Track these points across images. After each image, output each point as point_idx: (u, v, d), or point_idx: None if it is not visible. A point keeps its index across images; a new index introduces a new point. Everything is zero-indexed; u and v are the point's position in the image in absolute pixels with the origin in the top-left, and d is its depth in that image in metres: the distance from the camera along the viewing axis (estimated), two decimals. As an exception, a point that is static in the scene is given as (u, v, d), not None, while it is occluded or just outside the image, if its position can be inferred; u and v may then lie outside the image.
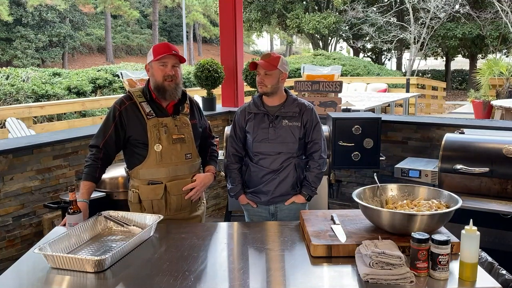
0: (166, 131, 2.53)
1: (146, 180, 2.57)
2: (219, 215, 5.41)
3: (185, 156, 2.60)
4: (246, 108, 2.85)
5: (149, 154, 2.53)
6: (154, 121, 2.53)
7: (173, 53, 2.50)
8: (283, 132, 2.75)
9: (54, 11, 25.92)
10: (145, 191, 2.57)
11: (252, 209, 2.88)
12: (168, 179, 2.57)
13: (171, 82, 2.52)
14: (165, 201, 2.58)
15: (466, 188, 3.21)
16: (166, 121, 2.56)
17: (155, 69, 2.52)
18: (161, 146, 2.53)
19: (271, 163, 2.76)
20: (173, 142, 2.56)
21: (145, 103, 2.56)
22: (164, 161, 2.54)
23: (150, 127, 2.52)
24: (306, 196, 2.82)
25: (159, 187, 2.56)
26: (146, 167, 2.55)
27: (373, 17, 19.89)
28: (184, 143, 2.60)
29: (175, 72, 2.53)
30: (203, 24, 32.43)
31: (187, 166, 2.62)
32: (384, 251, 1.78)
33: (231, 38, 5.53)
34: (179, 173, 2.59)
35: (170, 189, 2.57)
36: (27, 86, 9.78)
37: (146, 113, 2.54)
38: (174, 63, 2.53)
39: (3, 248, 3.49)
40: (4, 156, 3.45)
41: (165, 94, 2.53)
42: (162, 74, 2.50)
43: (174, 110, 2.61)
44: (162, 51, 2.49)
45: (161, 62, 2.50)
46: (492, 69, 11.94)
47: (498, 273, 1.91)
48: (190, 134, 2.62)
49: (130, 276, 1.87)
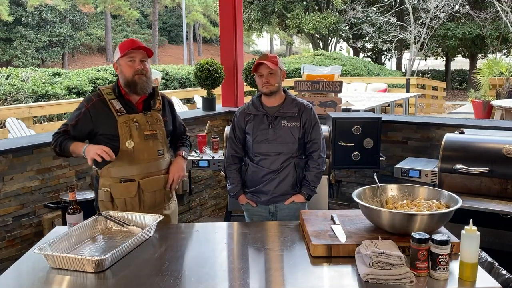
0: (138, 127, 2.51)
1: (118, 178, 2.54)
2: (219, 215, 5.41)
3: (158, 152, 2.58)
4: (245, 109, 2.85)
5: (121, 151, 2.50)
6: (125, 117, 2.51)
7: (140, 47, 2.49)
8: (282, 132, 2.75)
9: (54, 11, 25.92)
10: (117, 190, 2.54)
11: (252, 208, 2.89)
12: (141, 176, 2.55)
13: (141, 76, 2.50)
14: (138, 199, 2.56)
15: (466, 188, 3.21)
16: (137, 118, 2.53)
17: (124, 65, 2.50)
18: (133, 142, 2.50)
19: (271, 164, 2.77)
20: (145, 139, 2.53)
21: (115, 100, 2.54)
22: (137, 158, 2.52)
23: (121, 123, 2.50)
24: (305, 196, 2.82)
25: (133, 185, 2.53)
26: (118, 165, 2.52)
27: (373, 17, 19.89)
28: (156, 139, 2.58)
29: (144, 66, 2.51)
30: (203, 24, 32.43)
31: (159, 163, 2.61)
32: (384, 251, 1.78)
33: (231, 38, 5.53)
34: (152, 170, 2.57)
35: (144, 186, 2.55)
36: (27, 86, 9.77)
37: (116, 110, 2.51)
38: (141, 58, 2.51)
39: (3, 248, 3.49)
40: (4, 156, 3.45)
41: (136, 88, 2.51)
42: (132, 70, 2.48)
43: (145, 106, 2.59)
44: (128, 47, 2.48)
45: (129, 58, 2.49)
46: (492, 69, 11.93)
47: (498, 273, 1.91)
48: (162, 130, 2.61)
49: (130, 276, 1.87)
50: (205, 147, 4.19)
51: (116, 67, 2.56)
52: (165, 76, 12.12)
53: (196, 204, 5.17)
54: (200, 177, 5.16)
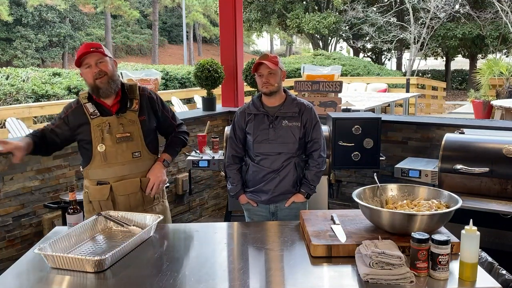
0: (109, 131, 2.49)
1: (95, 180, 2.55)
2: (219, 215, 5.41)
3: (132, 155, 2.54)
4: (246, 109, 2.85)
5: (94, 154, 2.51)
6: (98, 120, 2.50)
7: (91, 50, 2.43)
8: (283, 132, 2.75)
9: (54, 11, 25.92)
10: (93, 192, 2.56)
11: (253, 208, 2.88)
12: (115, 179, 2.53)
13: (102, 78, 2.45)
14: (112, 202, 2.55)
15: (466, 188, 3.21)
16: (110, 120, 2.50)
17: (83, 73, 2.48)
18: (104, 146, 2.49)
19: (272, 163, 2.77)
20: (117, 142, 2.50)
21: (89, 103, 2.53)
22: (109, 161, 2.51)
23: (94, 127, 2.50)
24: (305, 194, 2.83)
25: (105, 188, 2.53)
26: (94, 168, 2.53)
27: (373, 17, 19.89)
28: (131, 142, 2.53)
29: (102, 68, 2.45)
30: (203, 24, 32.43)
31: (135, 165, 2.56)
32: (384, 251, 1.78)
33: (231, 38, 5.53)
34: (126, 173, 2.54)
35: (116, 189, 2.53)
36: (27, 86, 9.77)
37: (90, 113, 2.51)
38: (96, 60, 2.44)
39: (3, 248, 3.49)
40: (4, 156, 3.45)
41: (99, 92, 2.48)
42: (91, 76, 2.45)
43: (120, 108, 2.55)
44: (81, 52, 2.43)
45: (85, 65, 2.45)
46: (492, 69, 11.93)
47: (498, 273, 1.91)
48: (138, 132, 2.55)
49: (130, 276, 1.87)
50: (205, 147, 4.19)
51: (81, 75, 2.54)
52: (165, 76, 12.12)
53: (196, 204, 5.17)
54: (200, 177, 5.16)
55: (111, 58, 2.53)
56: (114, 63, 2.55)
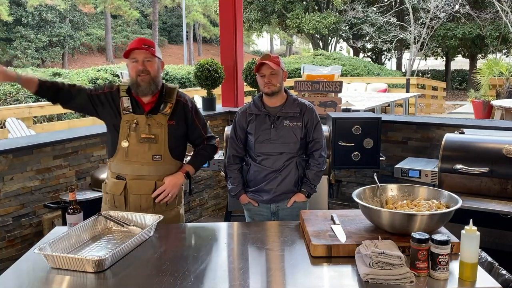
0: (136, 129, 2.51)
1: (115, 173, 2.59)
2: (219, 215, 5.41)
3: (153, 157, 2.53)
4: (247, 109, 2.85)
5: (118, 149, 2.54)
6: (129, 116, 2.53)
7: (142, 47, 2.46)
8: (284, 132, 2.76)
9: (54, 11, 25.91)
10: (110, 184, 2.60)
11: (254, 208, 2.88)
12: (131, 177, 2.55)
13: (144, 76, 2.47)
14: (124, 198, 2.56)
15: (466, 188, 3.21)
16: (139, 119, 2.52)
17: (129, 65, 2.51)
18: (128, 143, 2.51)
19: (274, 163, 2.77)
20: (141, 141, 2.52)
21: (126, 97, 2.56)
22: (130, 159, 2.53)
23: (123, 122, 2.53)
24: (305, 194, 2.83)
25: (121, 183, 2.55)
26: (116, 161, 2.57)
27: (373, 17, 19.88)
28: (154, 144, 2.53)
29: (147, 66, 2.48)
30: (203, 24, 32.40)
31: (154, 168, 2.55)
32: (384, 251, 1.78)
33: (231, 38, 5.53)
34: (143, 173, 2.54)
35: (130, 187, 2.54)
36: (27, 86, 9.76)
37: (124, 107, 2.54)
38: (145, 58, 2.47)
39: (3, 248, 3.49)
40: (4, 156, 3.45)
41: (138, 89, 2.50)
42: (135, 70, 2.48)
43: (153, 108, 2.56)
44: (131, 47, 2.47)
45: (132, 58, 2.48)
46: (492, 69, 11.94)
47: (498, 273, 1.91)
48: (163, 135, 2.54)
49: (130, 276, 1.87)
50: (205, 147, 4.18)
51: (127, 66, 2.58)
52: (165, 76, 12.12)
53: (196, 204, 5.17)
54: (200, 177, 5.16)
55: (159, 59, 2.55)
56: (161, 64, 2.58)
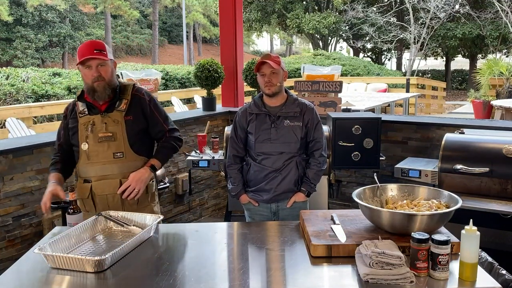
0: (93, 130, 2.50)
1: (82, 178, 2.59)
2: (219, 215, 5.41)
3: (114, 155, 2.51)
4: (247, 109, 2.85)
5: (80, 152, 2.54)
6: (85, 119, 2.53)
7: (95, 53, 2.42)
8: (285, 132, 2.76)
9: (54, 11, 25.91)
10: (78, 189, 2.59)
11: (254, 208, 2.88)
12: (96, 179, 2.54)
13: (100, 82, 2.46)
14: (92, 201, 2.55)
15: (466, 188, 3.21)
16: (95, 119, 2.52)
17: (83, 72, 2.48)
18: (87, 144, 2.51)
19: (274, 163, 2.78)
20: (99, 141, 2.50)
21: (80, 101, 2.56)
22: (92, 160, 2.52)
23: (81, 125, 2.53)
24: (305, 193, 2.84)
25: (86, 186, 2.55)
26: (80, 165, 2.57)
27: (373, 17, 19.89)
28: (113, 142, 2.51)
29: (101, 72, 2.45)
30: (203, 24, 32.40)
31: (117, 166, 2.52)
32: (384, 251, 1.78)
33: (231, 38, 5.53)
34: (107, 173, 2.52)
35: (95, 188, 2.54)
36: (27, 86, 9.77)
37: (79, 111, 2.55)
38: (98, 63, 2.44)
39: (3, 248, 3.49)
40: (4, 156, 3.45)
41: (94, 95, 2.49)
42: (90, 77, 2.46)
43: (108, 107, 2.54)
44: (83, 54, 2.42)
45: (85, 65, 2.45)
46: (492, 69, 11.94)
47: (498, 273, 1.91)
48: (121, 132, 2.52)
49: (130, 276, 1.87)
50: (205, 147, 4.19)
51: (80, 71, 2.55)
52: (165, 76, 12.12)
53: (196, 204, 5.17)
54: (200, 177, 5.16)
55: (111, 60, 2.53)
56: (114, 65, 2.56)
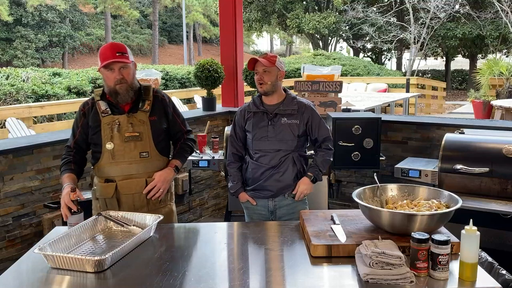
0: (119, 129, 2.51)
1: (103, 178, 2.58)
2: (219, 215, 5.41)
3: (140, 154, 2.54)
4: (246, 108, 2.88)
5: (103, 152, 2.54)
6: (109, 118, 2.53)
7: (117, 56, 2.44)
8: (282, 129, 2.76)
9: (54, 11, 25.91)
10: (99, 189, 2.59)
11: (252, 207, 2.89)
12: (121, 178, 2.54)
13: (122, 85, 2.48)
14: (117, 200, 2.56)
15: (466, 188, 3.21)
16: (120, 119, 2.53)
17: (104, 75, 2.49)
18: (113, 144, 2.51)
19: (271, 160, 2.78)
20: (126, 140, 2.52)
21: (102, 101, 2.56)
22: (117, 160, 2.52)
23: (104, 125, 2.52)
24: (311, 178, 2.79)
25: (111, 186, 2.55)
26: (102, 165, 2.56)
27: (373, 17, 19.88)
28: (139, 141, 2.54)
29: (124, 75, 2.47)
30: (203, 24, 32.41)
31: (142, 165, 2.56)
32: (384, 251, 1.78)
33: (231, 38, 5.53)
34: (132, 172, 2.54)
35: (121, 188, 2.54)
36: (27, 86, 9.77)
37: (102, 110, 2.54)
38: (121, 66, 2.47)
39: (3, 248, 3.49)
40: (4, 156, 3.45)
41: (117, 98, 2.50)
42: (112, 80, 2.47)
43: (132, 108, 2.57)
44: (106, 57, 2.44)
45: (108, 68, 2.46)
46: (492, 69, 11.94)
47: (498, 273, 1.91)
48: (147, 132, 2.56)
49: (130, 276, 1.87)
50: (205, 147, 4.19)
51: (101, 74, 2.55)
52: (165, 76, 12.12)
53: (196, 204, 5.17)
54: (200, 177, 5.16)
55: (132, 62, 2.55)
56: (134, 66, 2.58)
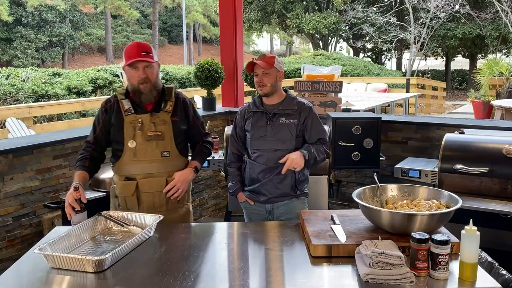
0: (141, 128, 2.53)
1: (123, 176, 2.59)
2: (219, 215, 5.41)
3: (161, 153, 2.57)
4: (246, 108, 2.89)
5: (125, 150, 2.56)
6: (132, 117, 2.55)
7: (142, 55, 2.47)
8: (280, 129, 2.75)
9: (54, 11, 25.90)
10: (119, 187, 2.60)
11: (250, 207, 2.89)
12: (142, 176, 2.56)
13: (146, 84, 2.50)
14: (137, 199, 2.58)
15: (466, 188, 3.21)
16: (143, 118, 2.55)
17: (128, 73, 2.52)
18: (135, 142, 2.53)
19: (268, 160, 2.76)
20: (148, 139, 2.54)
21: (126, 100, 2.58)
22: (138, 158, 2.54)
23: (127, 123, 2.54)
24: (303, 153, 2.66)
25: (131, 184, 2.56)
26: (123, 163, 2.58)
27: (373, 17, 19.88)
28: (161, 141, 2.57)
29: (148, 74, 2.50)
30: (203, 24, 32.40)
31: (163, 164, 2.59)
32: (384, 251, 1.78)
33: (231, 38, 5.53)
34: (153, 171, 2.57)
35: (142, 186, 2.56)
36: (27, 86, 9.77)
37: (125, 109, 2.56)
38: (145, 65, 2.49)
39: (3, 248, 3.49)
40: (4, 156, 3.45)
41: (141, 97, 2.53)
42: (136, 79, 2.49)
43: (155, 107, 2.60)
44: (132, 55, 2.47)
45: (132, 67, 2.49)
46: (492, 69, 11.94)
47: (498, 273, 1.91)
48: (169, 132, 2.59)
49: (130, 276, 1.87)
50: (205, 147, 4.18)
51: (125, 72, 2.58)
52: (165, 76, 12.13)
53: (196, 204, 5.17)
54: (200, 177, 5.15)
55: (157, 62, 2.57)
56: (158, 66, 2.61)
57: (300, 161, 2.64)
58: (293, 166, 2.64)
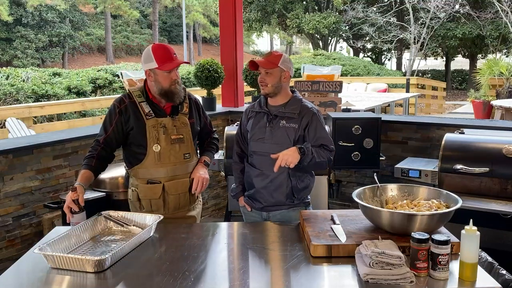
0: (165, 132, 2.55)
1: (145, 179, 2.59)
2: (219, 215, 5.41)
3: (184, 156, 2.62)
4: (251, 107, 2.80)
5: (148, 154, 2.55)
6: (153, 121, 2.55)
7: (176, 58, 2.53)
8: (278, 132, 2.62)
9: (54, 11, 25.91)
10: (143, 190, 2.60)
11: (248, 212, 2.83)
12: (167, 179, 2.59)
13: (176, 85, 2.54)
14: (163, 201, 2.61)
15: (466, 188, 3.21)
16: (165, 122, 2.57)
17: (161, 76, 2.49)
18: (159, 146, 2.55)
19: (262, 164, 2.64)
20: (172, 143, 2.57)
21: (145, 103, 2.57)
22: (163, 161, 2.56)
23: (149, 127, 2.54)
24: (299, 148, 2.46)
25: (158, 187, 2.58)
26: (145, 167, 2.57)
27: (373, 17, 19.88)
28: (183, 143, 2.61)
29: (177, 76, 2.56)
30: (203, 24, 32.40)
31: (186, 166, 2.65)
32: (384, 251, 1.78)
33: (231, 38, 5.53)
34: (177, 173, 2.62)
35: (168, 188, 2.59)
36: (27, 86, 9.78)
37: (146, 113, 2.55)
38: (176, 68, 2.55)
39: (3, 248, 3.49)
40: (4, 156, 3.45)
41: (173, 98, 2.55)
42: (169, 81, 2.50)
43: (173, 110, 2.62)
44: (166, 58, 2.48)
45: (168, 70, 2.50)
46: (492, 69, 11.94)
47: (498, 273, 1.91)
48: (188, 134, 2.64)
49: (130, 276, 1.87)
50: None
51: (149, 74, 2.52)
52: (165, 76, 12.12)
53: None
54: (200, 177, 5.15)
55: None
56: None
57: (293, 156, 2.42)
58: (285, 163, 2.43)
